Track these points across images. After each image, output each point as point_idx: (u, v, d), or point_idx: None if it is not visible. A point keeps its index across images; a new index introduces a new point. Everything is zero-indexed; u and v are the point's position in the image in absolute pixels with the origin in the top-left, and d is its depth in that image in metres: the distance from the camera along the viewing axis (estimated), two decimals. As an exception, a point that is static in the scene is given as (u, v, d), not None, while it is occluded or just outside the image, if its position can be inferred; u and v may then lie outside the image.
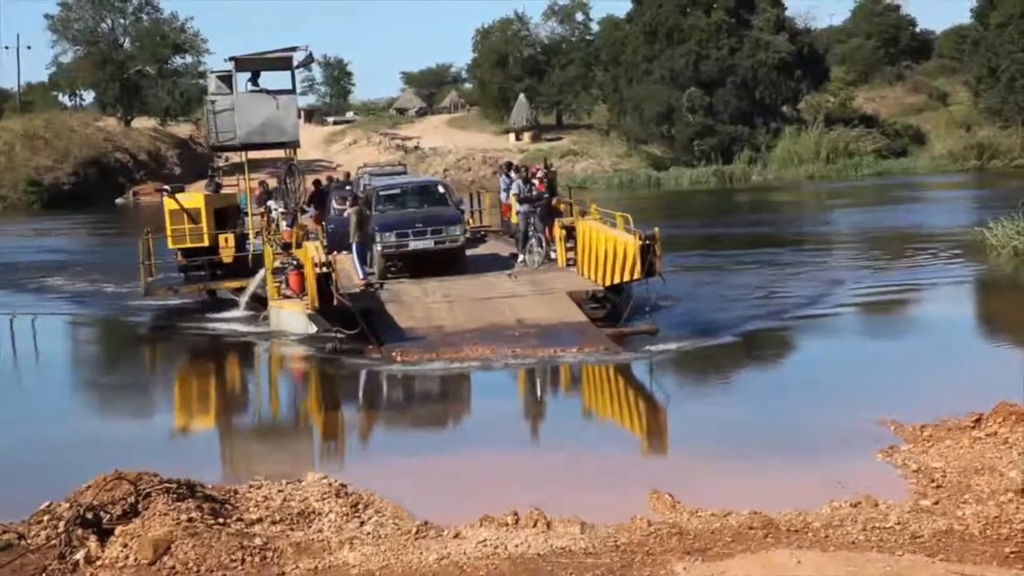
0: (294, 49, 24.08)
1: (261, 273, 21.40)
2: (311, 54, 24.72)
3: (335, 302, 17.09)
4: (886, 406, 12.71)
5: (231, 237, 23.05)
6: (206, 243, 22.76)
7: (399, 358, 16.58)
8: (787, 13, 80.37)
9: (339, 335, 17.42)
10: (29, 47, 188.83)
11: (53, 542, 8.25)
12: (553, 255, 21.75)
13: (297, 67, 24.86)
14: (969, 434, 10.79)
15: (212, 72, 26.41)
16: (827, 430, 12.44)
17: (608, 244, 18.54)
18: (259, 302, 21.53)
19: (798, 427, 12.90)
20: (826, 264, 28.34)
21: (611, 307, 18.84)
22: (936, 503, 8.82)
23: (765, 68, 75.00)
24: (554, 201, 23.41)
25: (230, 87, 24.07)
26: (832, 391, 14.77)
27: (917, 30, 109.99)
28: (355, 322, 17.26)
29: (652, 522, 8.54)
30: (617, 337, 17.34)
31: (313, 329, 18.64)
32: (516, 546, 8.13)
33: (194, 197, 23.77)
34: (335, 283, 17.10)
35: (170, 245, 23.10)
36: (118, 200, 70.37)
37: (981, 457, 10.03)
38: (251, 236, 23.96)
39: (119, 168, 75.72)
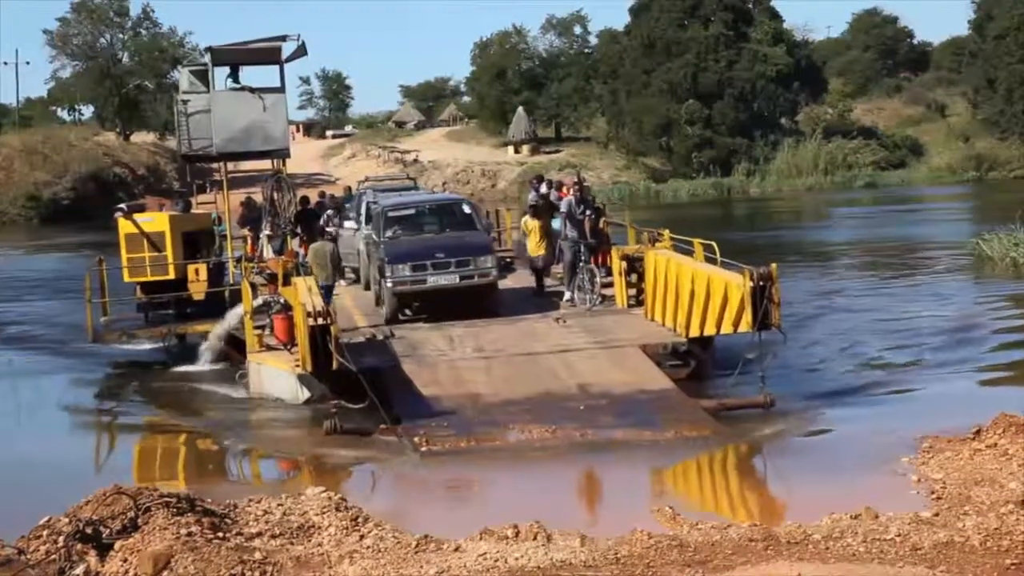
0: (283, 38, 20.07)
1: (237, 310, 16.92)
2: (303, 44, 20.34)
3: (335, 365, 12.95)
4: (887, 418, 12.72)
5: (203, 268, 18.80)
6: (172, 275, 18.41)
7: (423, 445, 12.29)
8: (785, 25, 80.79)
9: (335, 408, 13.11)
10: (28, 62, 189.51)
11: (52, 557, 8.23)
12: (608, 291, 17.77)
13: (287, 60, 20.58)
14: (969, 445, 10.77)
15: (184, 66, 21.82)
16: (829, 442, 12.45)
17: (698, 283, 14.49)
18: (238, 349, 16.88)
19: (799, 440, 12.91)
20: (930, 282, 25.85)
21: (696, 364, 15.10)
22: (936, 515, 8.80)
23: (763, 80, 75.22)
24: (601, 223, 19.05)
25: (206, 84, 20.16)
26: (838, 404, 14.55)
27: (915, 42, 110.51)
28: (361, 388, 12.97)
29: (652, 535, 8.51)
30: (717, 411, 13.18)
31: (305, 394, 14.59)
32: (516, 559, 8.10)
33: (157, 219, 19.06)
34: (335, 339, 12.95)
35: (126, 278, 18.84)
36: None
37: (981, 468, 10.02)
38: (231, 266, 20.10)
39: (118, 183, 75.70)
